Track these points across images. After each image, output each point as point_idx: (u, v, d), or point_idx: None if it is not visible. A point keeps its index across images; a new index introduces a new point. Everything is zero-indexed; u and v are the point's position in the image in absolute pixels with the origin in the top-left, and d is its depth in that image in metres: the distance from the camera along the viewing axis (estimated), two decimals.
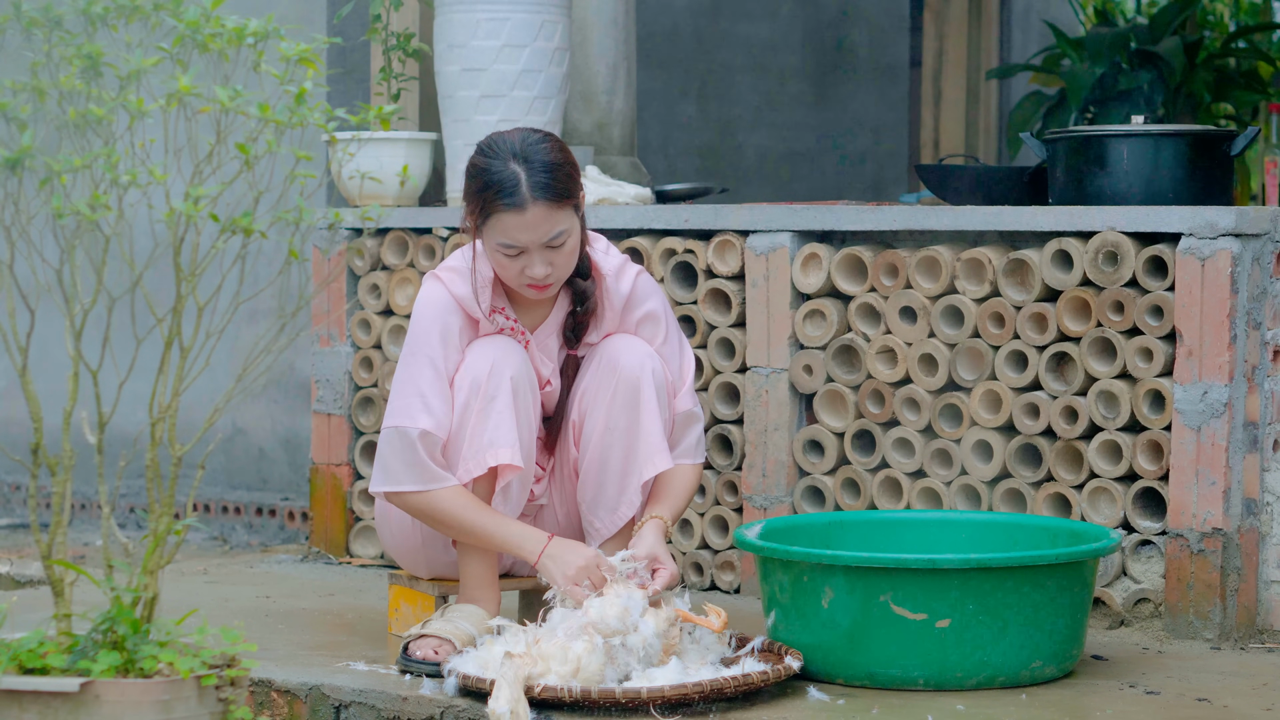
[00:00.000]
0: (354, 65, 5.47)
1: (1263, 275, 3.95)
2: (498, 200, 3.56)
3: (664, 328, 3.81)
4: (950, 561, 3.47)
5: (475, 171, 3.62)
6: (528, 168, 3.57)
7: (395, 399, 3.68)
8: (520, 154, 3.59)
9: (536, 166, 3.58)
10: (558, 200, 3.58)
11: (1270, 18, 8.33)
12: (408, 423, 3.64)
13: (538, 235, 3.58)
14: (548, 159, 3.59)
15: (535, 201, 3.56)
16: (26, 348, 3.08)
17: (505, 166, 3.58)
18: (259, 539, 5.82)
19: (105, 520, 3.09)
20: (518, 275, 3.62)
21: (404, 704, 3.46)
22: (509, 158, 3.58)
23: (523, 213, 3.56)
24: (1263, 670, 3.70)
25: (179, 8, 3.03)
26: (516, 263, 3.61)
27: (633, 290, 3.77)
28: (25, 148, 2.96)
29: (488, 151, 3.62)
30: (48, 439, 3.11)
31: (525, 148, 3.59)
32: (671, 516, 3.75)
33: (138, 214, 3.09)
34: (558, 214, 3.59)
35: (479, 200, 3.60)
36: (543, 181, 3.57)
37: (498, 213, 3.57)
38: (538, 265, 3.60)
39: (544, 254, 3.60)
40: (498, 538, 3.64)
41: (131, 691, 2.91)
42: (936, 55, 8.04)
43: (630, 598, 3.46)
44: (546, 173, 3.58)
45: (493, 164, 3.59)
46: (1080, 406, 4.04)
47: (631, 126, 5.21)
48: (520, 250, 3.59)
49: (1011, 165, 6.19)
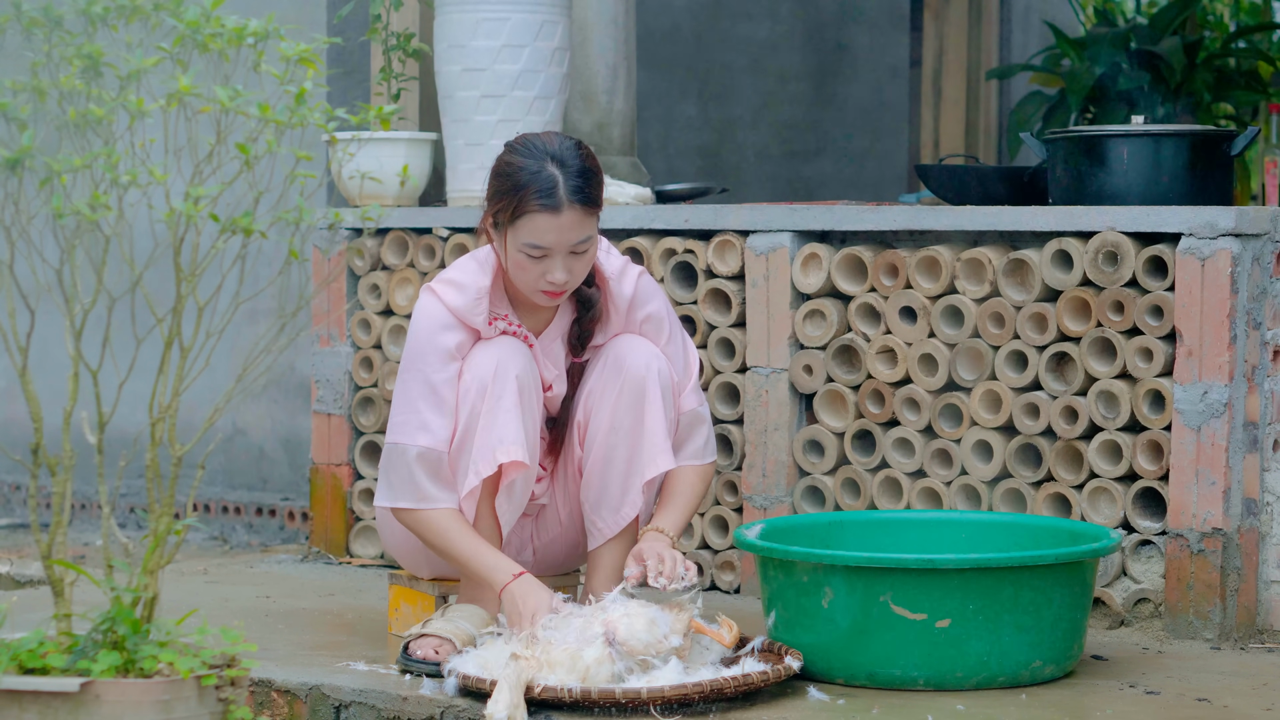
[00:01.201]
0: (354, 65, 5.47)
1: (1263, 275, 3.95)
2: (534, 200, 3.55)
3: (667, 327, 3.81)
4: (950, 561, 3.47)
5: (509, 170, 3.60)
6: (565, 171, 3.57)
7: (394, 414, 3.69)
8: (557, 157, 3.58)
9: (573, 171, 3.57)
10: (590, 207, 3.59)
11: (1270, 18, 8.33)
12: (405, 440, 3.66)
13: (567, 239, 3.58)
14: (584, 165, 3.59)
15: (571, 205, 3.56)
16: (26, 348, 3.08)
17: (543, 167, 3.57)
18: (259, 539, 5.82)
19: (105, 520, 3.09)
20: (536, 279, 3.62)
21: (404, 704, 3.46)
22: (545, 159, 3.58)
23: (557, 215, 3.56)
24: (1263, 670, 3.70)
25: (179, 8, 3.03)
26: (539, 265, 3.60)
27: (635, 292, 3.77)
28: (25, 148, 2.96)
29: (521, 151, 3.61)
30: (48, 439, 3.11)
31: (562, 151, 3.59)
32: (674, 527, 3.73)
33: (138, 214, 3.09)
34: (588, 220, 3.59)
35: (512, 199, 3.57)
36: (578, 186, 3.57)
37: (531, 213, 3.56)
38: (559, 270, 3.60)
39: (567, 259, 3.60)
40: (473, 564, 3.62)
41: (131, 691, 2.91)
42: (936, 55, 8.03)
43: (659, 618, 3.44)
44: (582, 178, 3.58)
45: (529, 164, 3.58)
46: (1080, 406, 4.04)
47: (631, 126, 5.21)
48: (545, 254, 3.59)
49: (1011, 165, 6.18)
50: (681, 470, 3.79)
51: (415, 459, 3.64)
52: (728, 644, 3.50)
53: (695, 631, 3.48)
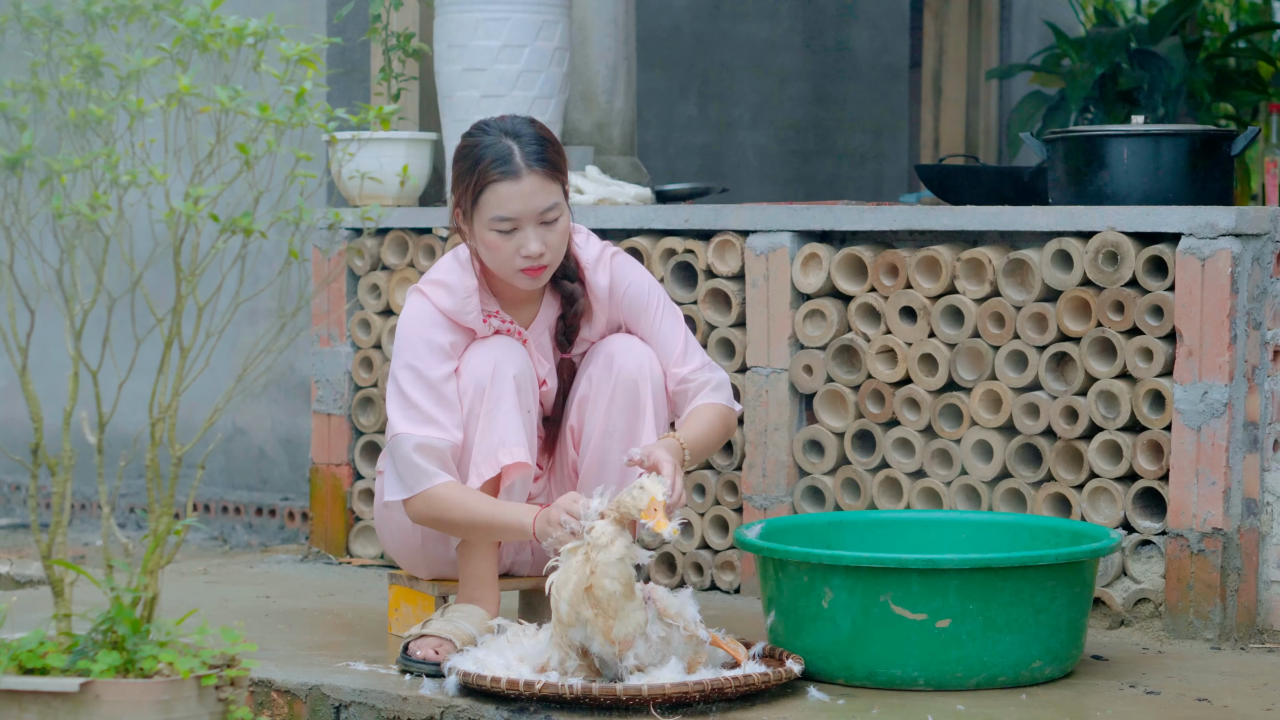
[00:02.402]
0: (354, 65, 5.47)
1: (1263, 275, 3.95)
2: (492, 170, 3.60)
3: (653, 305, 3.78)
4: (950, 561, 3.47)
5: (465, 151, 3.66)
6: (519, 141, 3.63)
7: (392, 413, 3.69)
8: (510, 131, 3.65)
9: (527, 139, 3.64)
10: (550, 172, 3.63)
11: (1270, 18, 8.33)
12: (403, 432, 3.65)
13: (533, 205, 3.60)
14: (538, 134, 3.66)
15: (530, 170, 3.61)
16: (26, 348, 3.08)
17: (497, 140, 3.63)
18: (259, 539, 5.82)
19: (105, 520, 3.09)
20: (512, 256, 3.62)
21: (404, 704, 3.46)
22: (499, 134, 3.65)
23: (518, 181, 3.59)
24: (1263, 670, 3.70)
25: (179, 8, 3.03)
26: (511, 241, 3.61)
27: (612, 279, 3.78)
28: (25, 148, 2.96)
29: (475, 132, 3.69)
30: (48, 439, 3.11)
31: (515, 125, 3.67)
32: (688, 441, 3.64)
33: (138, 214, 3.09)
34: (550, 185, 3.63)
35: (471, 177, 3.62)
36: (535, 152, 3.62)
37: (492, 183, 3.60)
38: (532, 241, 3.61)
39: (538, 230, 3.62)
40: (497, 520, 3.61)
41: (131, 691, 2.91)
42: (936, 55, 8.04)
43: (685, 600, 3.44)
44: (537, 144, 3.64)
45: (483, 139, 3.65)
46: (1080, 406, 4.04)
47: (631, 126, 5.21)
48: (514, 225, 3.60)
49: (1011, 165, 6.18)
50: (699, 407, 3.74)
51: (414, 449, 3.63)
52: (741, 659, 3.50)
53: (713, 645, 3.49)
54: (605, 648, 3.33)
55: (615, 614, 3.31)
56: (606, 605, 3.31)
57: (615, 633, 3.32)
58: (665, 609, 3.38)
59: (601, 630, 3.32)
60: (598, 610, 3.31)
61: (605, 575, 3.32)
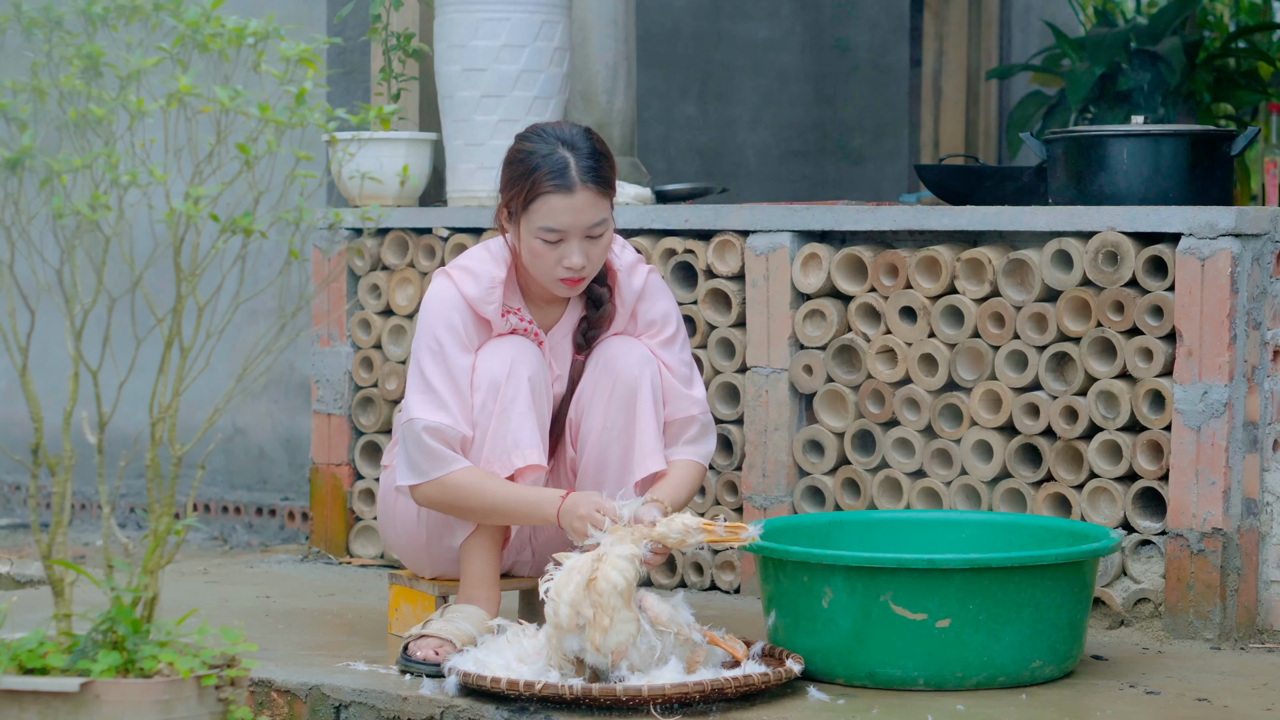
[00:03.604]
0: (354, 65, 5.47)
1: (1263, 275, 3.95)
2: (547, 182, 3.59)
3: (674, 330, 3.81)
4: (950, 561, 3.47)
5: (520, 157, 3.65)
6: (576, 154, 3.62)
7: (408, 395, 3.70)
8: (568, 141, 3.64)
9: (584, 153, 3.63)
10: (602, 189, 3.63)
11: (1270, 18, 8.33)
12: (417, 415, 3.66)
13: (583, 220, 3.60)
14: (594, 148, 3.65)
15: (584, 186, 3.60)
16: (26, 348, 3.08)
17: (554, 151, 3.62)
18: (259, 539, 5.81)
19: (105, 520, 3.09)
20: (554, 265, 3.63)
21: (404, 704, 3.46)
22: (556, 144, 3.63)
23: (571, 195, 3.59)
24: (1263, 670, 3.70)
25: (179, 8, 3.03)
26: (555, 251, 3.62)
27: (644, 287, 3.79)
28: (25, 148, 2.96)
29: (532, 138, 3.67)
30: (48, 439, 3.11)
31: (572, 136, 3.65)
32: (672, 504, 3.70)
33: (138, 214, 3.09)
34: (601, 202, 3.63)
35: (525, 184, 3.62)
36: (590, 167, 3.62)
37: (545, 194, 3.60)
38: (576, 254, 3.62)
39: (583, 244, 3.62)
40: (517, 505, 3.62)
41: (131, 691, 2.91)
42: (936, 55, 8.03)
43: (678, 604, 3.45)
44: (593, 159, 3.63)
45: (540, 148, 3.63)
46: (1080, 406, 4.04)
47: (631, 126, 5.21)
48: (561, 237, 3.61)
49: (1011, 165, 6.18)
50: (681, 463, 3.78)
51: (425, 431, 3.63)
52: (741, 657, 3.50)
53: (711, 644, 3.49)
54: (598, 659, 3.33)
55: (611, 614, 3.30)
56: (605, 602, 3.30)
57: (608, 642, 3.31)
58: (657, 617, 3.38)
59: (593, 642, 3.32)
60: (596, 608, 3.31)
61: (613, 567, 3.32)
